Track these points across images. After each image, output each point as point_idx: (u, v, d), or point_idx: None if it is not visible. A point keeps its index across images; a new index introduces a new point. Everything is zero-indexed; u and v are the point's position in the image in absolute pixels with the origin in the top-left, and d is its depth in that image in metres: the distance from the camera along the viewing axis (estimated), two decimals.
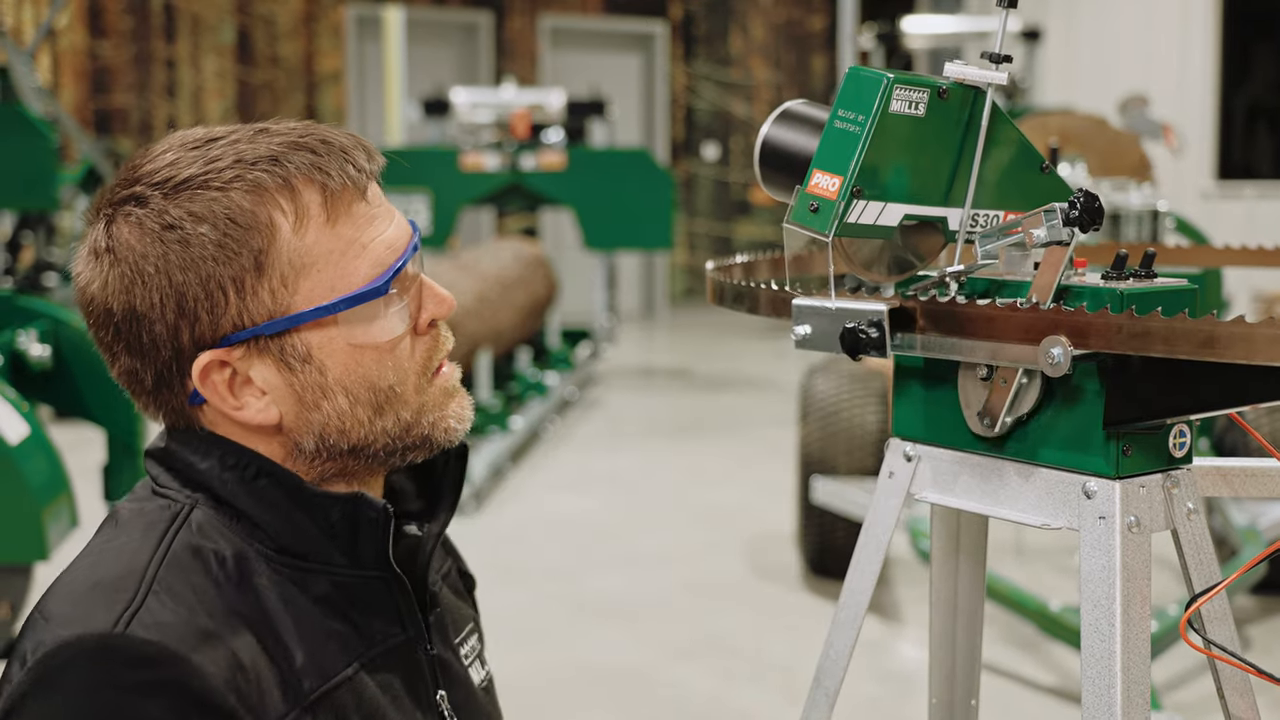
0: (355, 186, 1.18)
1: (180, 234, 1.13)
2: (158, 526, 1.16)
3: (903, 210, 1.27)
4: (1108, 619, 1.20)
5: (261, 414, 1.18)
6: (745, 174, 13.91)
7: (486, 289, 7.28)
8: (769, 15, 13.88)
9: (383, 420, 1.19)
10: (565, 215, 11.10)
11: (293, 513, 1.18)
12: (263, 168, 1.14)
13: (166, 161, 1.16)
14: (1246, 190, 10.51)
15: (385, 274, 1.17)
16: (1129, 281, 1.23)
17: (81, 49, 10.90)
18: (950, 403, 1.33)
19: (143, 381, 1.19)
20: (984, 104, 1.28)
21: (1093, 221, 1.22)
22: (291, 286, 1.15)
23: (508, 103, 8.77)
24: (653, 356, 10.93)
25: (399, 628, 1.23)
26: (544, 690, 4.00)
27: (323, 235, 1.16)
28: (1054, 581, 4.61)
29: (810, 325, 1.32)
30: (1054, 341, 1.16)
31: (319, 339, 1.16)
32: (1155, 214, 4.05)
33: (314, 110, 11.80)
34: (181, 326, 1.15)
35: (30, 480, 2.94)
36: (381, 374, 1.18)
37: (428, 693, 1.26)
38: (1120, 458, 1.21)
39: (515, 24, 12.78)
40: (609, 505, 6.10)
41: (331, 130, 1.20)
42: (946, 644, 1.52)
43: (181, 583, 1.11)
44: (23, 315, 3.43)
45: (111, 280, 1.15)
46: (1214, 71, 10.60)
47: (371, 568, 1.20)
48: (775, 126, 1.32)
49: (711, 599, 4.78)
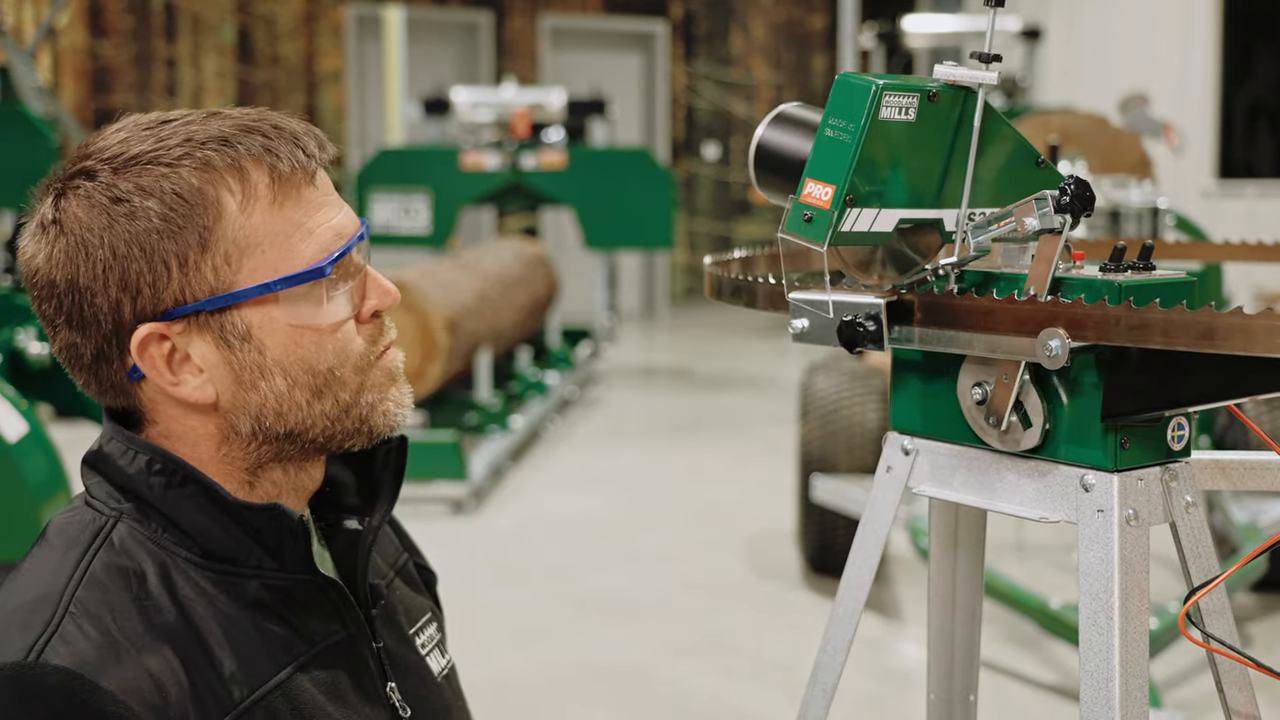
0: (304, 171, 1.18)
1: (128, 207, 1.13)
2: (79, 544, 1.16)
3: (898, 215, 1.26)
4: (1106, 612, 1.20)
5: (198, 391, 1.17)
6: (745, 174, 13.89)
7: (487, 288, 7.28)
8: (769, 14, 13.88)
9: (321, 403, 1.19)
10: (566, 214, 11.10)
11: (219, 519, 1.18)
12: (212, 147, 1.15)
13: (118, 139, 1.17)
14: (1247, 189, 10.51)
15: (329, 256, 1.17)
16: (1127, 274, 1.22)
17: (82, 48, 10.91)
18: (948, 396, 1.32)
19: (82, 356, 1.19)
20: (975, 104, 1.27)
21: (1084, 208, 1.21)
22: (235, 265, 1.15)
23: (508, 102, 8.77)
24: (653, 356, 10.93)
25: (338, 625, 1.23)
26: (545, 689, 4.00)
27: (269, 216, 1.16)
28: (1054, 579, 4.60)
29: (807, 319, 1.31)
30: (1052, 334, 1.15)
31: (259, 318, 1.16)
32: (1155, 211, 4.05)
33: (314, 109, 11.80)
34: (123, 300, 1.15)
35: (29, 478, 2.94)
36: (321, 357, 1.18)
37: (375, 686, 1.26)
38: (1118, 450, 1.21)
39: (515, 23, 12.78)
40: (609, 504, 6.10)
41: (284, 117, 1.20)
42: (945, 639, 1.52)
43: (99, 604, 1.11)
44: (22, 313, 3.43)
45: (56, 253, 1.15)
46: (1215, 70, 10.59)
47: (299, 572, 1.20)
48: (770, 129, 1.32)
49: (712, 597, 4.78)
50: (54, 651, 1.07)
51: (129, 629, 1.11)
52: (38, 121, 5.98)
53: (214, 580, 1.17)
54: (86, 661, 1.07)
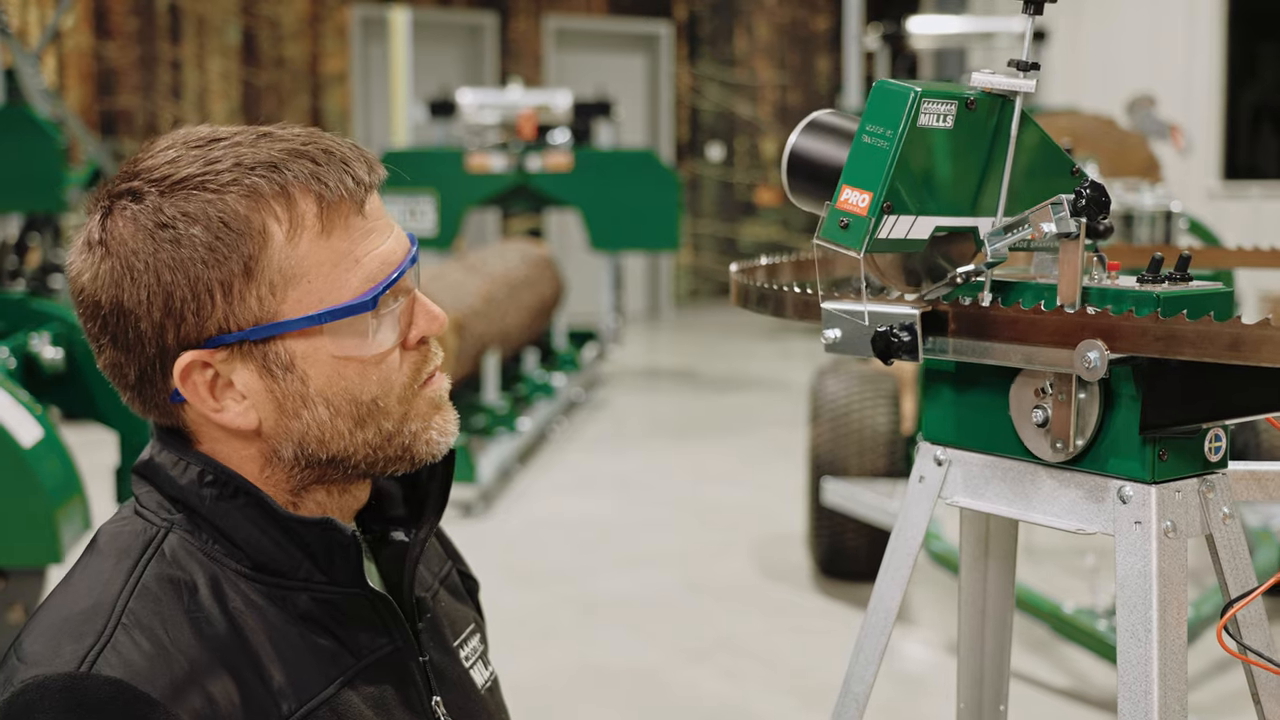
0: (353, 199, 1.17)
1: (173, 233, 1.13)
2: (131, 554, 1.16)
3: (934, 223, 1.26)
4: (1144, 624, 1.20)
5: (240, 418, 1.17)
6: (750, 175, 13.91)
7: (494, 290, 7.28)
8: (773, 16, 13.87)
9: (364, 432, 1.19)
10: (571, 216, 11.10)
11: (270, 532, 1.18)
12: (260, 173, 1.14)
13: (167, 159, 1.16)
14: (1252, 190, 10.50)
15: (375, 288, 1.16)
16: (1164, 285, 1.22)
17: (87, 50, 10.90)
18: (982, 406, 1.32)
19: (126, 376, 1.19)
20: (1012, 112, 1.27)
21: (1100, 211, 1.21)
22: (280, 295, 1.14)
23: (514, 104, 8.76)
24: (658, 357, 10.92)
25: (386, 638, 1.23)
26: (556, 692, 3.99)
27: (316, 246, 1.15)
28: (1066, 583, 4.60)
29: (841, 329, 1.31)
30: (1090, 345, 1.15)
31: (303, 348, 1.16)
32: (1169, 215, 4.04)
33: (319, 111, 11.80)
34: (167, 325, 1.14)
35: (45, 482, 2.94)
36: (365, 387, 1.18)
37: (422, 700, 1.26)
38: (1156, 462, 1.21)
39: (520, 25, 12.78)
40: (617, 506, 6.10)
41: (334, 140, 1.19)
42: (975, 649, 1.52)
43: (151, 615, 1.12)
44: (35, 318, 3.43)
45: (102, 273, 1.15)
46: (1219, 72, 10.58)
47: (350, 586, 1.20)
48: (803, 137, 1.31)
49: (722, 600, 4.78)
50: (106, 662, 1.07)
51: (181, 640, 1.11)
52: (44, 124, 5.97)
53: (264, 593, 1.17)
54: (138, 673, 1.07)
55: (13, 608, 3.09)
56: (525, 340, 8.04)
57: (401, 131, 9.23)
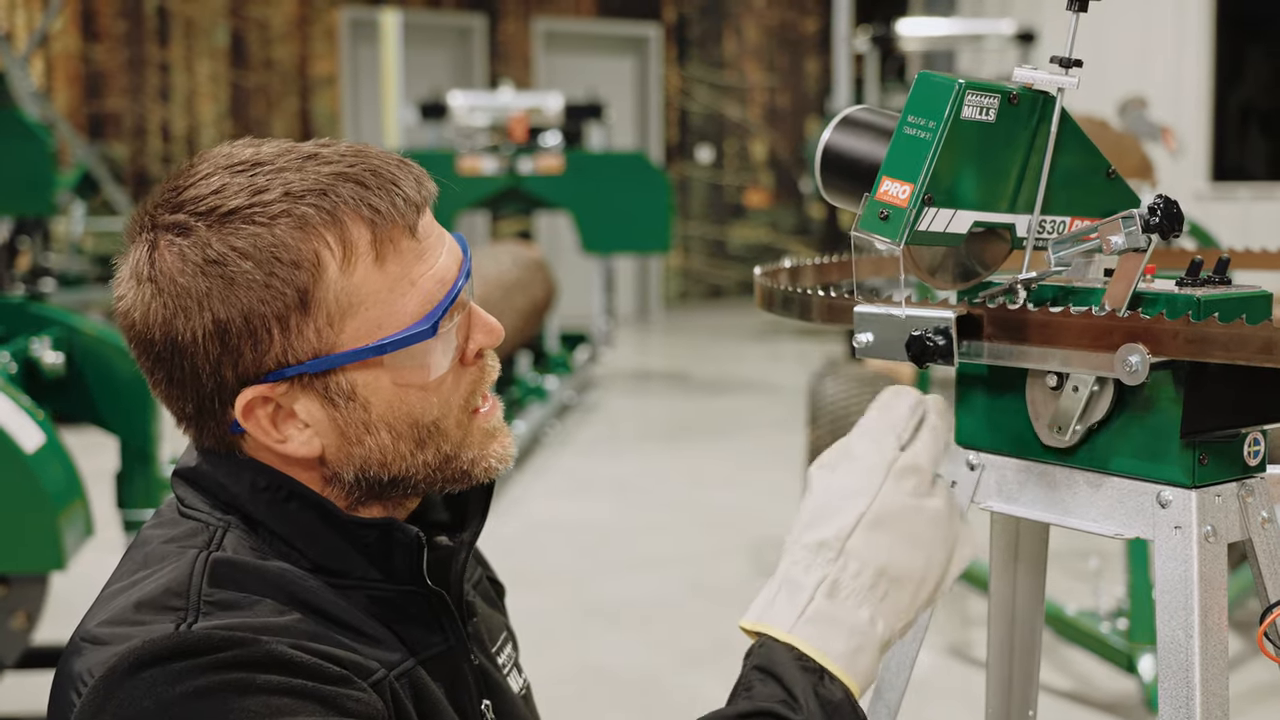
0: (404, 220, 1.14)
1: (224, 270, 1.10)
2: (192, 545, 1.14)
3: (972, 217, 1.25)
4: (1185, 630, 1.19)
5: (305, 446, 1.16)
6: (739, 177, 13.91)
7: (487, 292, 7.25)
8: (762, 18, 13.88)
9: (424, 454, 1.18)
10: (562, 218, 11.09)
11: (327, 534, 1.17)
12: (309, 202, 1.11)
13: (212, 188, 1.12)
14: (1240, 192, 10.53)
15: (433, 312, 1.14)
16: (1204, 288, 1.21)
17: (75, 53, 10.86)
18: (1016, 410, 1.31)
19: (184, 408, 1.17)
20: (1053, 109, 1.26)
21: (1173, 228, 1.20)
22: (338, 326, 1.12)
23: (505, 106, 8.75)
24: (649, 360, 10.92)
25: (440, 636, 1.22)
26: (557, 696, 3.98)
27: (370, 274, 1.13)
28: (1068, 585, 4.60)
29: (872, 333, 1.30)
30: (1132, 349, 1.14)
31: (364, 378, 1.14)
32: None
33: (308, 114, 11.77)
34: (224, 362, 1.12)
35: (47, 487, 2.92)
36: (426, 410, 1.17)
37: (472, 702, 1.25)
38: (1197, 466, 1.20)
39: (509, 27, 12.76)
40: (613, 509, 6.09)
41: (382, 158, 1.16)
42: (1004, 654, 1.51)
43: (226, 597, 1.10)
44: (36, 322, 3.40)
45: (154, 310, 1.12)
46: (1208, 73, 10.62)
47: (407, 583, 1.19)
48: (837, 133, 1.30)
49: (720, 603, 4.77)
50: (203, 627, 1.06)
51: (263, 612, 1.09)
52: (34, 126, 5.94)
53: (325, 586, 1.16)
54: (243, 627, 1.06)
55: (16, 614, 3.07)
56: (518, 343, 8.02)
57: (393, 134, 9.21)
